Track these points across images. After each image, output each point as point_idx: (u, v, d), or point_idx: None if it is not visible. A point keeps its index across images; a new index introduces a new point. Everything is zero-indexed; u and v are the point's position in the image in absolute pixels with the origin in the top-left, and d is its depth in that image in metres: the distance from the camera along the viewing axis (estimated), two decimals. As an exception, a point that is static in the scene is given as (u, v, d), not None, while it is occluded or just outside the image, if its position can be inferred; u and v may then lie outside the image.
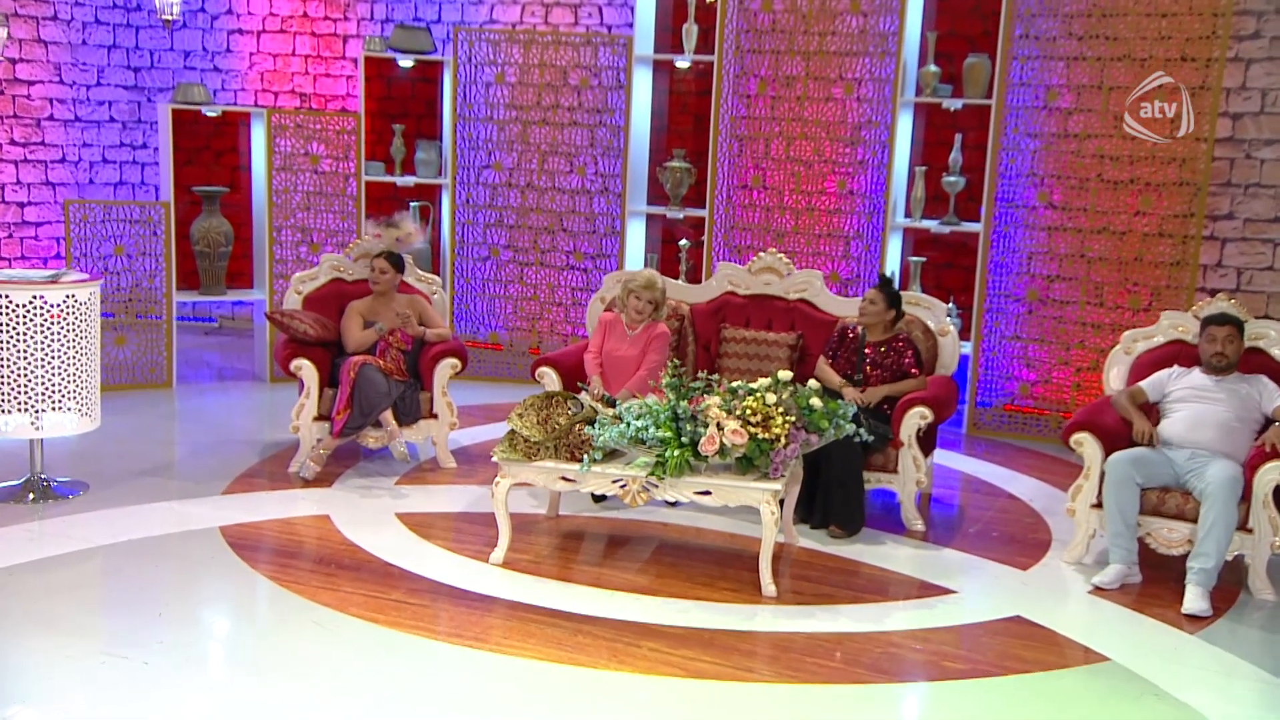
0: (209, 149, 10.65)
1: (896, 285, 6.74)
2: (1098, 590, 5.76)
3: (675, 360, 5.89)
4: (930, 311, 7.06)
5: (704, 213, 9.13)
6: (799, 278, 7.32)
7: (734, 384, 5.68)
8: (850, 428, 5.71)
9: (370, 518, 6.38)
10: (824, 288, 7.30)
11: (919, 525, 6.51)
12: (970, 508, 7.04)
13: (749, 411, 5.51)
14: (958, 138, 8.72)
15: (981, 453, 8.23)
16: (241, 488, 6.80)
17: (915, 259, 8.84)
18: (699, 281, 8.45)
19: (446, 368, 7.25)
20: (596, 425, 5.66)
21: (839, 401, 5.79)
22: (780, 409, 5.55)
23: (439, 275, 9.77)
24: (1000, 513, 6.92)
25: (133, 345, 8.96)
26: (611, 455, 5.72)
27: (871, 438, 5.93)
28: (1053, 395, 8.56)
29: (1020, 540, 6.45)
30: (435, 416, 7.29)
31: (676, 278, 9.25)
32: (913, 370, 6.61)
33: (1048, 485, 7.47)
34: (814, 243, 8.94)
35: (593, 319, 7.44)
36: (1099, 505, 5.98)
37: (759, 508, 5.54)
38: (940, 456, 7.48)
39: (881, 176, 8.67)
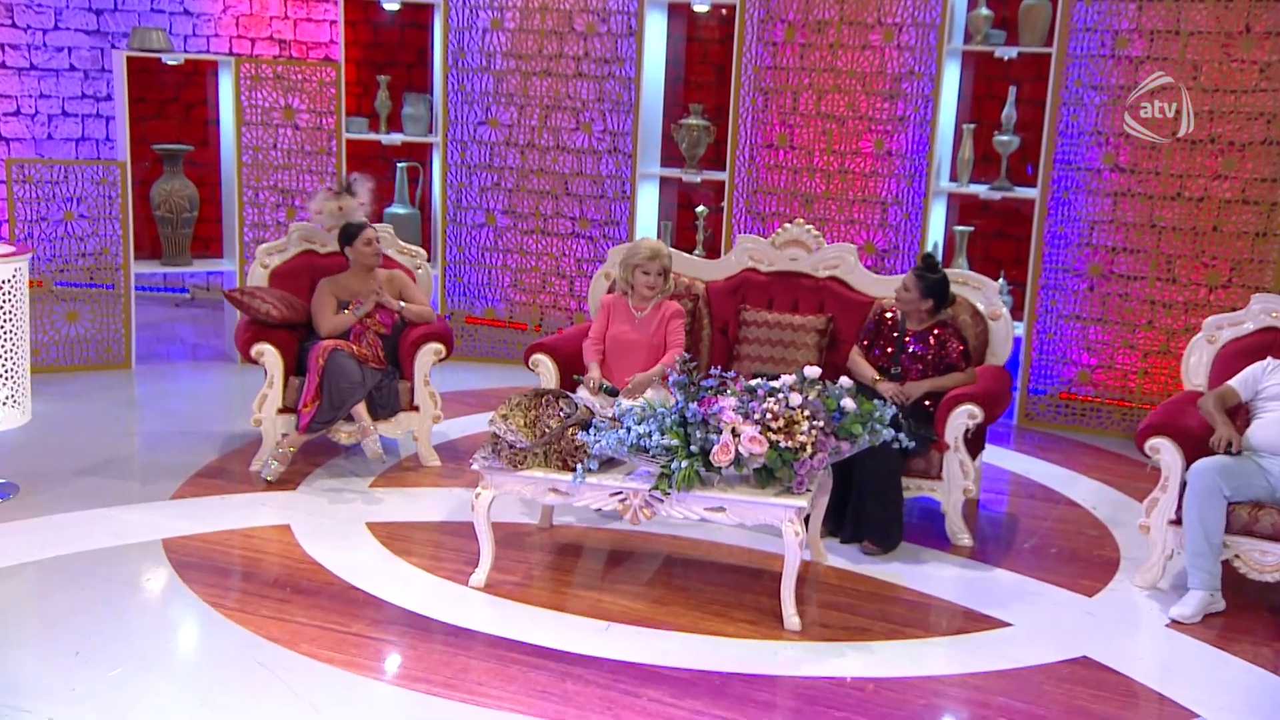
0: (178, 101, 10.09)
1: (939, 269, 6.09)
2: (1176, 624, 5.17)
3: (684, 354, 5.31)
4: (980, 292, 6.45)
5: (724, 176, 8.52)
6: (829, 252, 6.71)
7: (752, 382, 5.10)
8: (888, 433, 5.13)
9: (337, 528, 5.84)
10: (858, 264, 6.69)
11: (966, 540, 5.94)
12: (1024, 517, 6.45)
13: (769, 416, 4.93)
14: (1012, 91, 8.07)
15: (1035, 448, 7.64)
16: (194, 490, 6.27)
17: (961, 228, 8.23)
18: (718, 254, 7.84)
19: (429, 354, 6.69)
20: (593, 429, 5.10)
21: (875, 403, 5.21)
22: (806, 413, 4.97)
23: (428, 245, 9.21)
24: (1059, 523, 6.34)
25: (86, 322, 8.42)
26: (610, 463, 5.16)
27: (912, 444, 5.33)
28: (1116, 383, 7.95)
29: (1083, 558, 5.87)
30: (416, 409, 6.75)
31: (693, 249, 8.67)
32: (959, 363, 6.01)
33: (1112, 489, 6.88)
34: (847, 209, 8.32)
35: (596, 297, 6.86)
36: (1178, 521, 5.39)
37: (780, 527, 4.96)
38: (988, 454, 6.88)
39: (924, 135, 8.05)
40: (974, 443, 6.08)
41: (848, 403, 5.08)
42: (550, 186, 8.93)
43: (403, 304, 6.71)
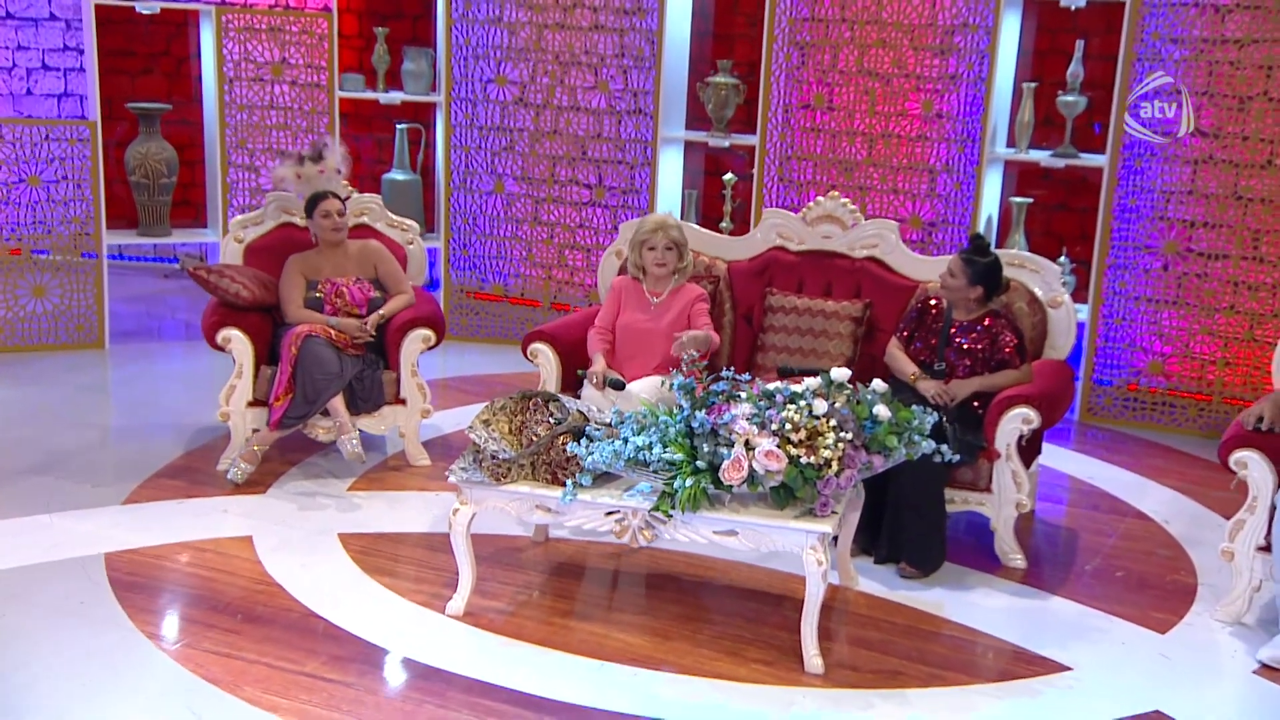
0: (168, 55, 9.60)
1: (990, 251, 5.52)
2: (1266, 669, 4.61)
3: (692, 353, 4.79)
4: (1038, 276, 5.88)
5: (754, 140, 7.94)
6: (868, 230, 6.15)
7: (770, 386, 4.56)
8: (927, 445, 4.58)
9: (305, 541, 5.38)
10: (900, 243, 6.12)
11: (1018, 561, 5.39)
12: (1085, 532, 5.89)
13: (789, 426, 4.40)
14: (1079, 45, 7.45)
15: (1099, 448, 7.07)
16: (151, 493, 5.82)
17: (1019, 200, 7.64)
18: (748, 226, 7.28)
19: (416, 341, 6.19)
20: (585, 439, 4.59)
21: (914, 409, 4.66)
22: (832, 423, 4.44)
23: (430, 213, 8.70)
24: (1126, 541, 5.78)
25: (55, 296, 7.98)
26: (607, 477, 4.64)
27: (956, 457, 4.78)
28: (1192, 374, 7.35)
29: (1155, 585, 5.31)
30: (403, 402, 6.25)
31: (720, 220, 8.12)
32: (1013, 359, 5.44)
33: (1188, 498, 6.30)
34: (891, 177, 7.74)
35: (606, 279, 6.33)
36: (1267, 548, 4.83)
37: (801, 555, 4.44)
38: (1044, 455, 6.32)
39: (979, 94, 7.45)
40: (1029, 449, 5.52)
41: (881, 410, 4.53)
42: (566, 150, 8.39)
43: (382, 312, 6.20)
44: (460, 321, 8.67)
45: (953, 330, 5.55)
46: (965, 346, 5.50)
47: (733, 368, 4.93)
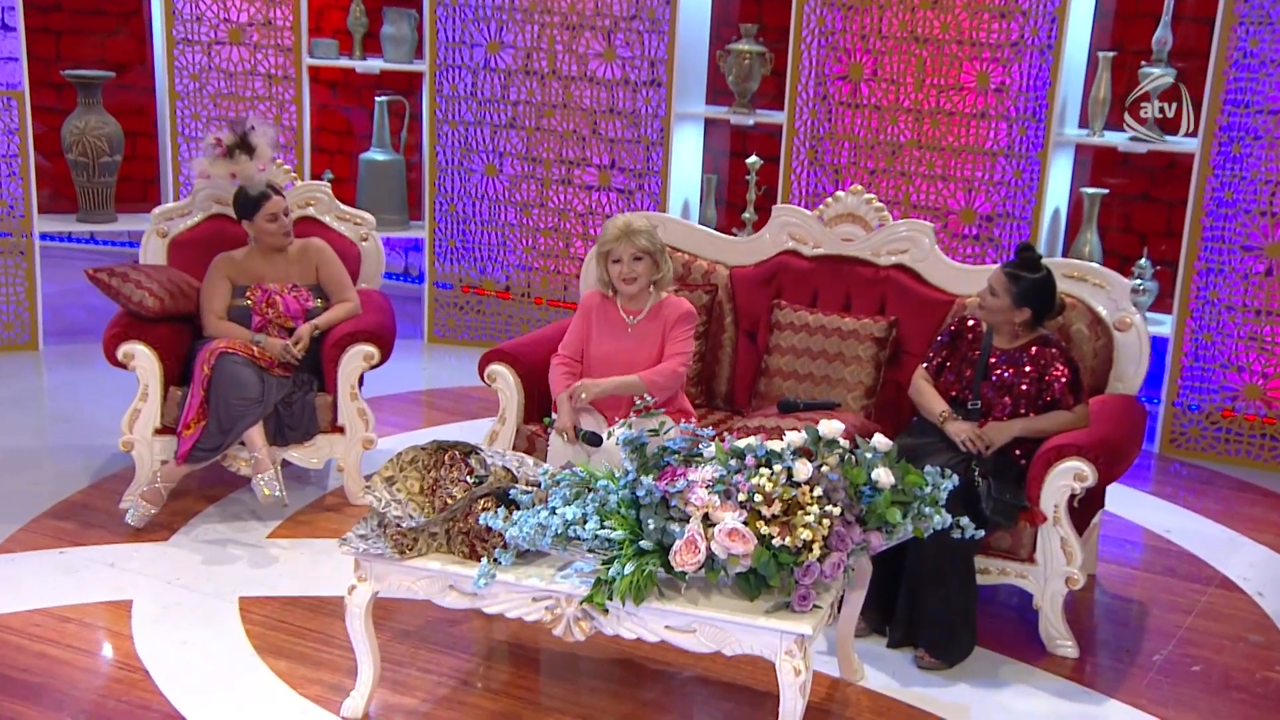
0: (122, 12, 8.92)
1: (1041, 265, 4.71)
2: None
3: (680, 370, 4.05)
4: (1103, 291, 5.06)
5: (782, 117, 7.14)
6: (897, 232, 5.36)
7: (742, 443, 3.79)
8: (941, 519, 3.80)
9: (197, 608, 4.71)
10: (935, 249, 5.33)
11: (1068, 649, 4.61)
12: (1156, 606, 5.08)
13: (758, 497, 3.63)
14: (1167, 6, 6.56)
15: (1180, 490, 6.23)
16: (31, 539, 5.19)
17: (1092, 190, 6.80)
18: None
19: (357, 359, 5.49)
20: (510, 505, 3.86)
21: (925, 473, 3.87)
22: (816, 492, 3.67)
23: (415, 197, 7.97)
24: (1207, 618, 4.97)
25: (-21, 292, 7.38)
26: (538, 552, 3.90)
27: (979, 532, 3.97)
28: (1297, 401, 6.49)
29: (1240, 684, 4.52)
30: (341, 430, 5.54)
31: (743, 211, 7.33)
32: (1065, 397, 4.63)
33: (1290, 562, 5.47)
34: (942, 162, 6.92)
35: (590, 286, 5.58)
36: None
37: (773, 662, 3.68)
38: (1113, 498, 5.49)
39: (1045, 65, 6.60)
40: (1084, 509, 4.71)
41: (882, 475, 3.75)
42: (575, 126, 7.60)
43: (317, 324, 5.50)
44: (447, 322, 7.96)
45: (992, 360, 4.75)
46: (1006, 380, 4.70)
47: (693, 426, 4.14)
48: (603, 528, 3.68)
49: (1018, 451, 4.66)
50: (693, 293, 5.43)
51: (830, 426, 3.82)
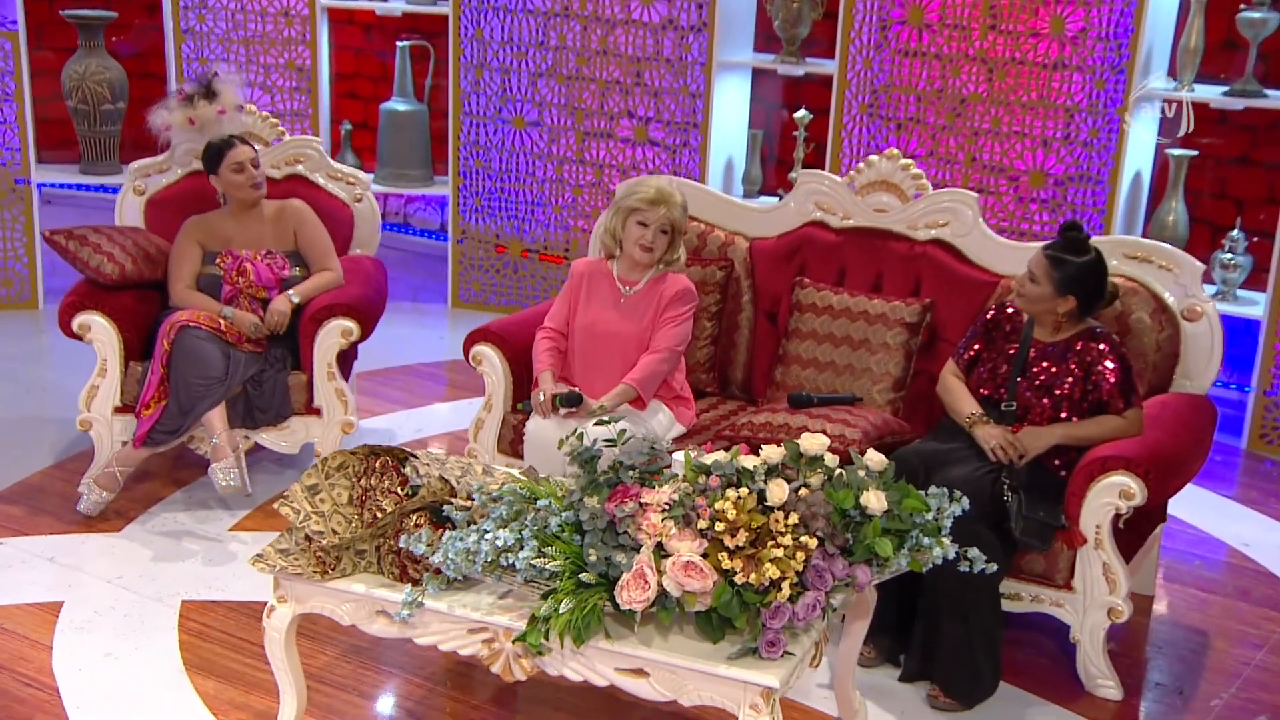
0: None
1: (1088, 246, 4.18)
2: None
3: (666, 355, 3.60)
4: (1169, 275, 4.52)
5: (833, 66, 6.60)
6: (937, 202, 4.84)
7: (708, 459, 3.33)
8: (943, 551, 3.32)
9: (133, 612, 4.37)
10: (980, 221, 4.80)
11: (1111, 689, 4.12)
12: (1221, 636, 4.56)
13: (719, 524, 3.17)
14: (1269, -58, 5.95)
15: (1269, 496, 5.65)
16: (-29, 526, 4.86)
17: (1179, 152, 6.19)
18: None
19: (334, 334, 5.10)
20: (444, 522, 3.44)
21: (931, 494, 3.39)
22: (790, 519, 3.20)
23: (440, 151, 7.53)
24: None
25: (-26, 246, 7.12)
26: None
27: (993, 566, 3.47)
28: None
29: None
30: (318, 413, 5.16)
31: (791, 170, 6.82)
32: (1115, 400, 4.10)
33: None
34: (1012, 116, 6.35)
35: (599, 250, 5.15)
36: None
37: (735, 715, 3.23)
38: (1186, 503, 4.96)
39: (1129, 8, 5.99)
40: (1133, 530, 4.19)
41: (872, 500, 3.27)
42: (618, 74, 7.09)
43: (293, 295, 5.11)
44: (473, 285, 7.55)
45: (1032, 354, 4.22)
46: (1046, 380, 4.17)
47: (684, 426, 3.70)
48: (541, 555, 3.24)
49: (1057, 461, 4.15)
50: (705, 268, 4.97)
51: (814, 441, 3.34)
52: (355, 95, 8.32)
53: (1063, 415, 4.15)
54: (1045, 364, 4.20)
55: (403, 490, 3.52)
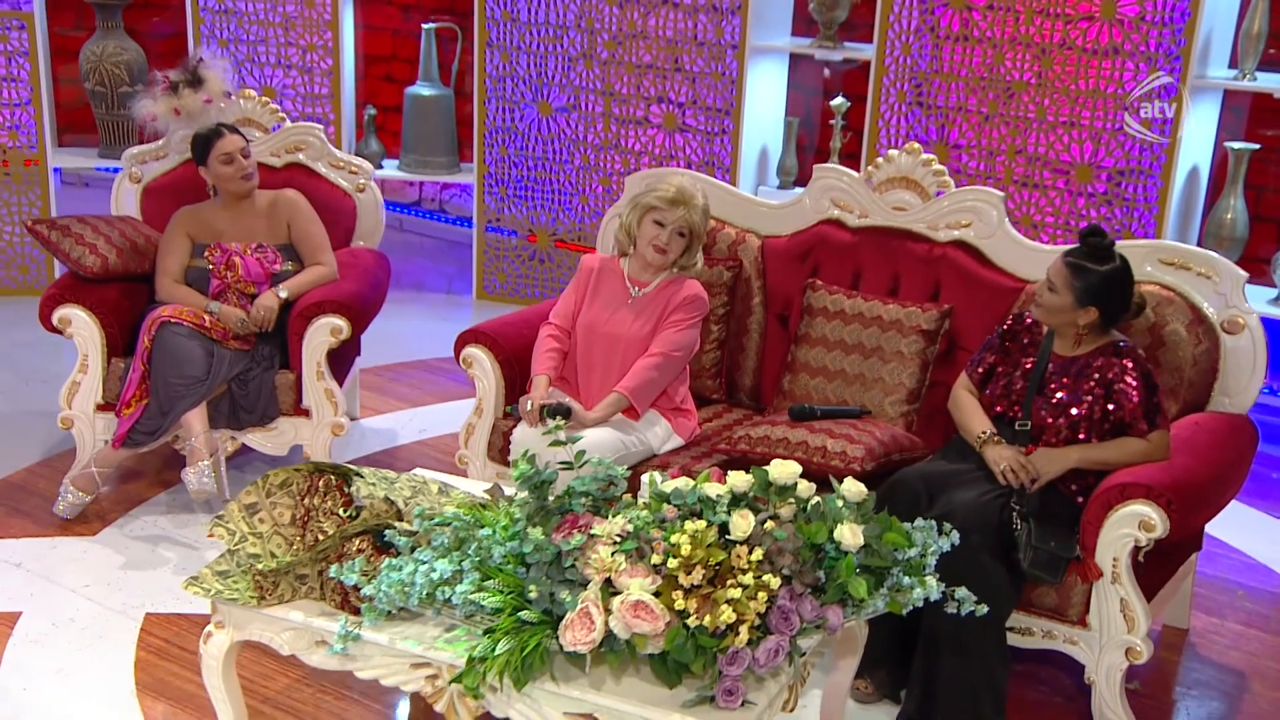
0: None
1: (1112, 252, 3.86)
2: None
3: (665, 357, 3.36)
4: (1209, 283, 4.18)
5: (870, 50, 6.28)
6: (959, 201, 4.53)
7: (668, 485, 3.07)
8: (923, 593, 3.04)
9: (94, 624, 4.19)
10: (1005, 222, 4.49)
11: (1127, 736, 3.79)
12: (1261, 678, 4.24)
13: (672, 560, 2.91)
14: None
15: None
16: (-56, 529, 4.71)
17: (1239, 145, 5.80)
18: (857, 168, 5.62)
19: (322, 332, 4.88)
20: (386, 548, 3.21)
21: (915, 526, 3.11)
22: (754, 554, 2.94)
23: (466, 136, 7.30)
24: (1319, 700, 4.09)
25: (-4, 231, 7.00)
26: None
27: (983, 608, 3.18)
28: None
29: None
30: (306, 413, 4.95)
31: (826, 159, 6.51)
32: (1138, 422, 3.79)
33: None
34: (1063, 104, 5.98)
35: (608, 246, 4.92)
36: None
37: (690, 770, 2.97)
38: (1230, 519, 4.61)
39: (1186, -9, 5.65)
40: (1157, 564, 3.87)
41: (846, 534, 3.00)
42: (654, 58, 6.80)
43: (282, 291, 4.90)
44: (499, 276, 7.32)
45: (1050, 369, 3.91)
46: (1062, 398, 3.86)
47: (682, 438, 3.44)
48: (482, 588, 3.00)
49: (1074, 486, 3.84)
50: (713, 268, 4.70)
51: (785, 469, 3.07)
52: (391, 79, 8.11)
53: (1080, 437, 3.84)
54: (1064, 380, 3.88)
55: (345, 511, 3.29)
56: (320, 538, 3.28)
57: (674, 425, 4.39)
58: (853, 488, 3.10)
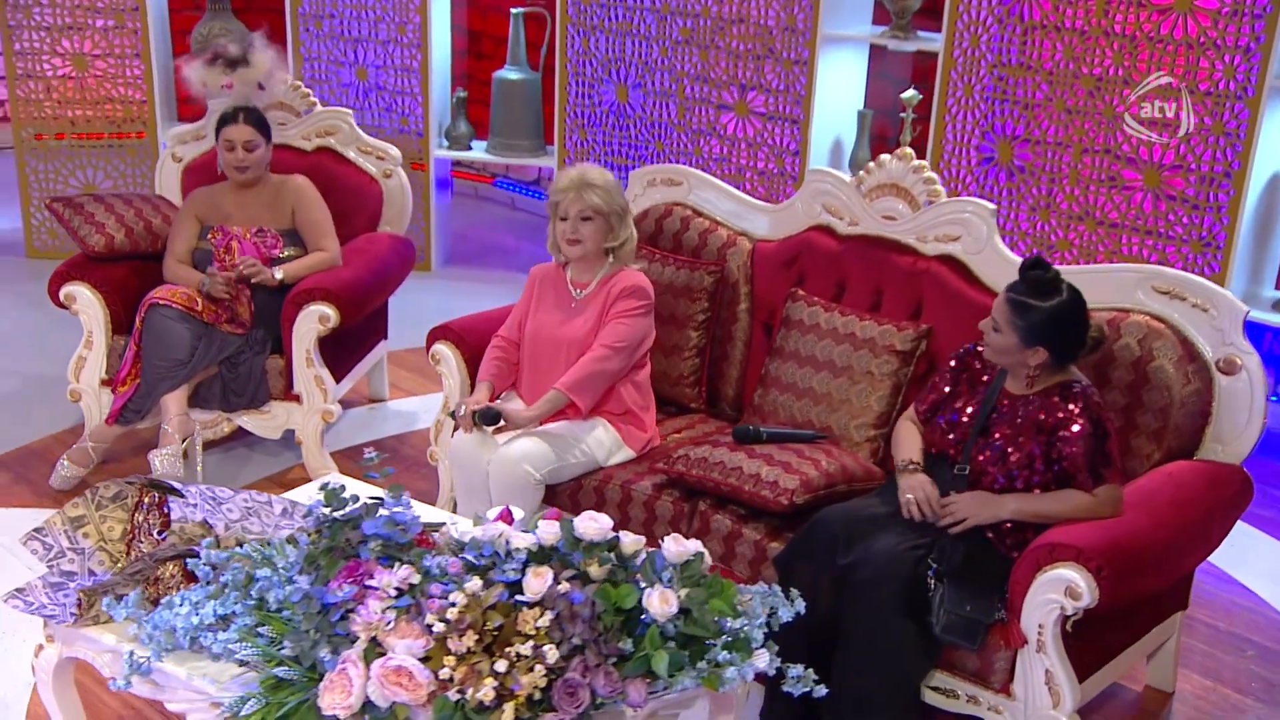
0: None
1: (1059, 285, 3.18)
2: None
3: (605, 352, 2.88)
4: (1204, 316, 3.45)
5: (939, 41, 5.57)
6: (949, 212, 3.86)
7: (469, 535, 2.58)
8: (736, 672, 2.48)
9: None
10: (995, 237, 3.81)
11: (1053, 821, 3.13)
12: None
13: (453, 619, 2.43)
14: None
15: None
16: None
17: (1324, 154, 4.94)
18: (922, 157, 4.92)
19: (311, 319, 4.49)
20: (188, 576, 2.80)
21: (755, 591, 2.57)
22: (544, 616, 2.43)
23: (550, 122, 6.81)
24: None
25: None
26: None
27: (822, 690, 2.58)
28: None
29: None
30: (297, 399, 4.58)
31: (892, 151, 5.80)
32: (1080, 473, 3.11)
33: None
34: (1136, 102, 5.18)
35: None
36: None
37: None
38: (1243, 548, 3.85)
39: (1271, -17, 4.79)
40: (1093, 634, 3.20)
41: (655, 601, 2.46)
42: (749, 45, 6.19)
43: (279, 274, 4.53)
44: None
45: (998, 410, 3.26)
46: (1001, 441, 3.20)
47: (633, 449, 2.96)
48: (256, 632, 2.55)
49: (1009, 541, 3.19)
50: (693, 273, 4.15)
51: (592, 525, 2.54)
52: (482, 55, 7.68)
53: (1019, 486, 3.19)
54: (1012, 422, 3.22)
55: (161, 533, 2.88)
56: (140, 555, 2.88)
57: (622, 435, 3.87)
58: (672, 548, 2.55)
